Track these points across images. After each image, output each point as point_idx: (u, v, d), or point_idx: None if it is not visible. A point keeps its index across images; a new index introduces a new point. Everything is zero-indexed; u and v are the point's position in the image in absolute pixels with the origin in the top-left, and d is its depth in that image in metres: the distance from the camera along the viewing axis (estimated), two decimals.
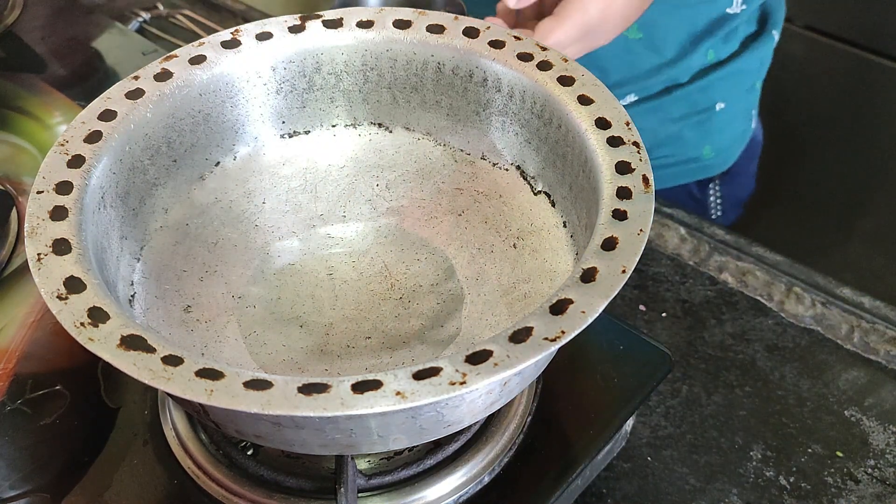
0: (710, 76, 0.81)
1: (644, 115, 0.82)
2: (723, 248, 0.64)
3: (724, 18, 0.80)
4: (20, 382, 0.49)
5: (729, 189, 0.90)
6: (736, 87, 0.84)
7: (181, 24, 0.86)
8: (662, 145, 0.84)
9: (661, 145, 0.84)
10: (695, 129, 0.84)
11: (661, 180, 0.84)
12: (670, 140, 0.84)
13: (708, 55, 0.81)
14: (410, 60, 0.48)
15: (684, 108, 0.83)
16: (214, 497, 0.42)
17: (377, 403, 0.30)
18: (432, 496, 0.42)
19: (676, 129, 0.84)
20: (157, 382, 0.31)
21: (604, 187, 0.38)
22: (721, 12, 0.79)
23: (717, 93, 0.83)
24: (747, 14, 0.81)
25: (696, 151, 0.85)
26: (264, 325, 0.45)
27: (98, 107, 0.43)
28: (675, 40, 0.79)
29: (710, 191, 0.89)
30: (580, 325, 0.32)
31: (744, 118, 0.88)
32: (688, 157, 0.86)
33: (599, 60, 0.79)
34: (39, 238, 0.36)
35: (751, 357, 0.57)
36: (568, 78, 0.43)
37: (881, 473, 0.51)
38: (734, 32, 0.81)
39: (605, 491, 0.49)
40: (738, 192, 0.92)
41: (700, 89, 0.82)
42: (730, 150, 0.88)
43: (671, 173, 0.86)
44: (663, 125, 0.83)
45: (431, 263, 0.48)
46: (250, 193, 0.49)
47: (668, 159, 0.85)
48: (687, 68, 0.81)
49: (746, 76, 0.85)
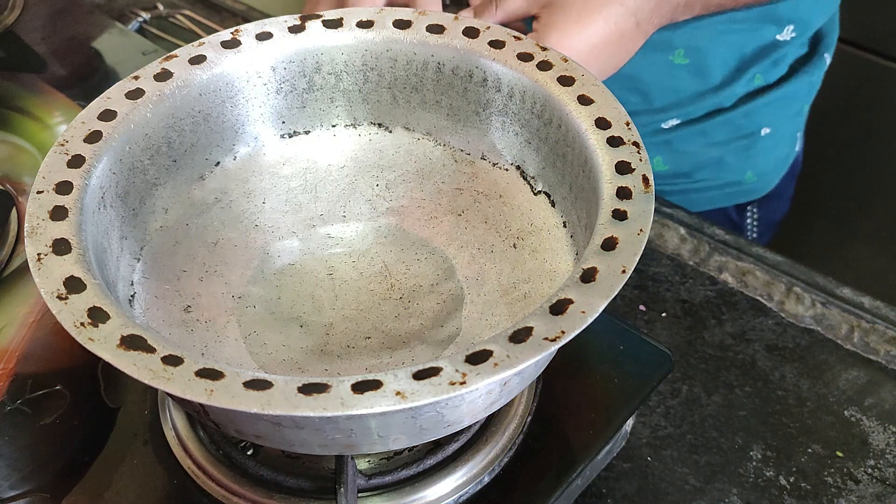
0: (755, 101, 0.79)
1: (686, 138, 0.81)
2: (723, 248, 0.64)
3: (774, 45, 0.77)
4: (20, 382, 0.49)
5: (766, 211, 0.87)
6: (782, 112, 0.82)
7: (181, 24, 0.86)
8: (703, 168, 0.82)
9: (702, 168, 0.82)
10: (738, 153, 0.82)
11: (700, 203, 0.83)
12: (712, 164, 0.82)
13: (755, 80, 0.79)
14: (410, 60, 0.48)
15: (728, 132, 0.80)
16: (214, 497, 0.42)
17: (377, 403, 0.30)
18: (432, 496, 0.42)
19: (719, 153, 0.81)
20: (157, 382, 0.31)
21: (604, 187, 0.38)
22: (770, 39, 0.77)
23: (763, 118, 0.80)
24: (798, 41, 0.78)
25: (738, 176, 0.83)
26: (264, 325, 0.45)
27: (98, 107, 0.43)
28: (721, 66, 0.77)
29: (747, 213, 0.87)
30: (580, 325, 0.32)
31: (788, 142, 0.85)
32: (729, 181, 0.83)
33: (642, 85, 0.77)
34: (39, 238, 0.36)
35: (751, 357, 0.57)
36: (568, 78, 0.43)
37: (881, 473, 0.51)
38: (783, 58, 0.79)
39: (605, 491, 0.49)
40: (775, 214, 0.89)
41: (745, 114, 0.79)
42: (772, 174, 0.86)
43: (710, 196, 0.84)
44: (705, 149, 0.81)
45: (431, 263, 0.48)
46: (250, 193, 0.49)
47: (709, 182, 0.83)
48: (732, 94, 0.78)
49: (794, 101, 0.82)
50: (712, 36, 0.74)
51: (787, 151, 0.86)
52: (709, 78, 0.77)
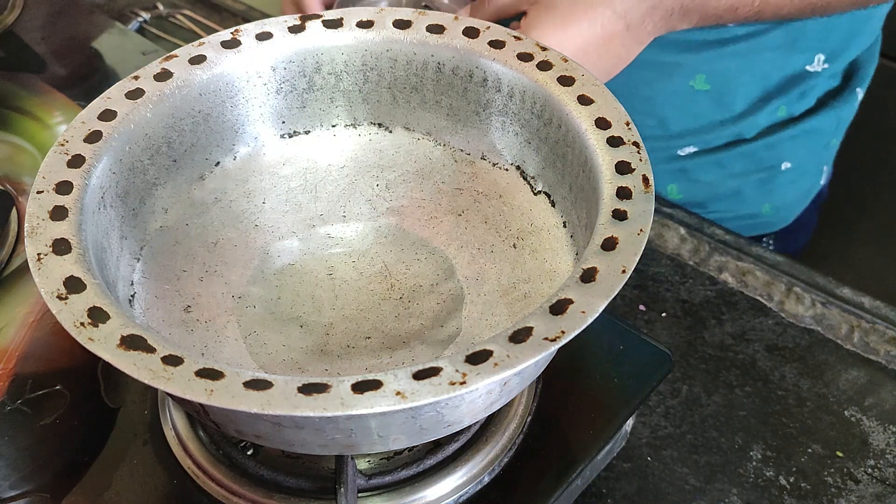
0: (778, 134, 0.75)
1: (703, 167, 0.77)
2: (723, 248, 0.64)
3: (802, 76, 0.73)
4: (20, 382, 0.49)
5: (783, 243, 0.83)
6: (806, 146, 0.77)
7: (181, 24, 0.86)
8: (719, 199, 0.78)
9: (718, 199, 0.78)
10: (756, 186, 0.78)
11: None
12: (728, 195, 0.78)
13: (779, 111, 0.75)
14: (410, 60, 0.48)
15: (747, 164, 0.77)
16: (214, 497, 0.42)
17: (377, 403, 0.30)
18: (432, 496, 0.42)
19: (736, 184, 0.78)
20: (157, 382, 0.31)
21: (604, 187, 0.38)
22: (799, 69, 0.72)
23: (785, 151, 0.76)
24: (829, 72, 0.74)
25: (754, 208, 0.79)
26: (264, 325, 0.45)
27: (98, 107, 0.43)
28: (745, 95, 0.73)
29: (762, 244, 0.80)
30: (580, 325, 0.32)
31: (812, 175, 0.81)
32: (745, 213, 0.80)
33: (658, 108, 0.74)
34: (39, 238, 0.36)
35: (751, 357, 0.57)
36: (568, 78, 0.43)
37: (881, 473, 0.51)
38: (811, 90, 0.75)
39: (605, 491, 0.49)
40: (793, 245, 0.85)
41: (766, 146, 0.75)
42: (791, 208, 0.81)
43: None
44: (723, 180, 0.77)
45: (431, 263, 0.48)
46: (250, 193, 0.49)
47: (723, 214, 0.79)
48: (754, 124, 0.74)
49: (819, 135, 0.77)
50: (737, 62, 0.71)
51: (810, 185, 0.82)
52: (730, 106, 0.74)
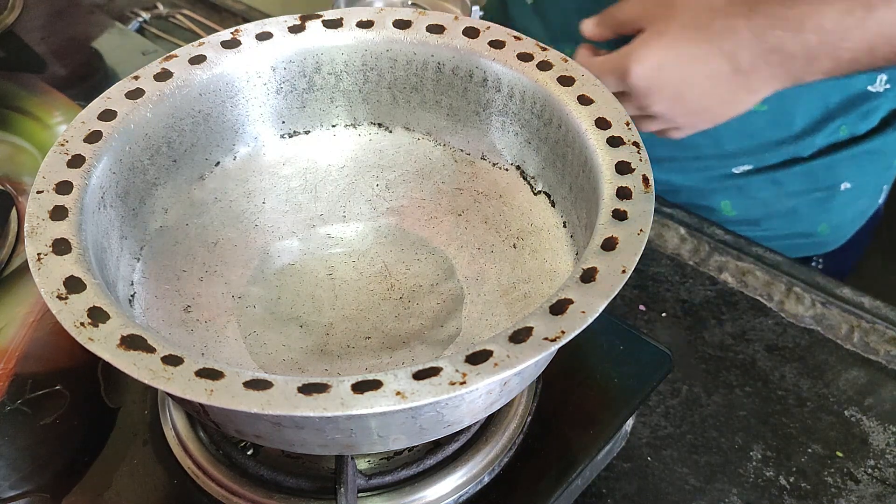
0: (839, 154, 0.73)
1: (759, 185, 0.75)
2: (723, 248, 0.64)
3: (864, 96, 0.71)
4: (20, 382, 0.49)
5: (833, 262, 0.80)
6: (868, 167, 0.75)
7: (181, 24, 0.86)
8: (774, 217, 0.77)
9: (773, 217, 0.77)
10: (813, 206, 0.76)
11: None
12: (783, 214, 0.76)
13: (839, 131, 0.72)
14: (410, 60, 0.48)
15: (805, 183, 0.74)
16: (214, 497, 0.42)
17: (377, 403, 0.30)
18: (432, 496, 0.42)
19: (792, 203, 0.75)
20: (157, 382, 0.31)
21: (604, 187, 0.38)
22: (861, 89, 0.70)
23: (845, 171, 0.74)
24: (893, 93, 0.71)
25: (810, 228, 0.77)
26: (264, 325, 0.45)
27: (98, 107, 0.43)
28: (803, 116, 0.71)
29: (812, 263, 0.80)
30: (580, 325, 0.32)
31: (871, 195, 0.79)
32: (799, 232, 0.77)
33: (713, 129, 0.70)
34: (39, 238, 0.36)
35: (751, 357, 0.57)
36: (568, 78, 0.43)
37: (881, 473, 0.51)
38: (874, 110, 0.72)
39: (605, 491, 0.49)
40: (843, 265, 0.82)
41: (825, 166, 0.73)
42: (847, 228, 0.79)
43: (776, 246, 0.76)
44: (779, 198, 0.75)
45: (431, 263, 0.48)
46: (250, 193, 0.49)
47: (777, 232, 0.77)
48: (811, 144, 0.72)
49: (882, 156, 0.75)
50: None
51: (868, 205, 0.79)
52: (789, 127, 0.72)
